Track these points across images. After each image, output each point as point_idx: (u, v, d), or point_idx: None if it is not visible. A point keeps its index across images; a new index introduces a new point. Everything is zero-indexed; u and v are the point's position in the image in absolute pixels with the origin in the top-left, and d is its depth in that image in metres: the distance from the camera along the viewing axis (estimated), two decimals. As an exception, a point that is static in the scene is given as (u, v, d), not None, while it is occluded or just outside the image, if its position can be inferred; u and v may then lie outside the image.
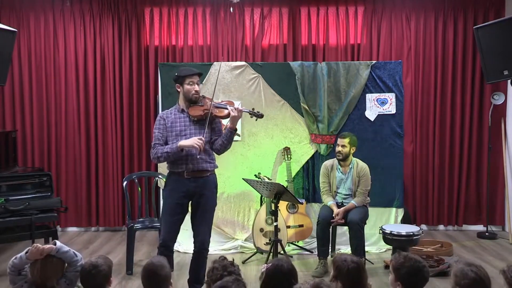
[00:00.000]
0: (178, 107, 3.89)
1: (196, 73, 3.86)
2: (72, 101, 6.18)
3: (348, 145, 4.79)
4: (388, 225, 4.91)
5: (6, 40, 4.45)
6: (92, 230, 6.31)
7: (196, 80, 3.84)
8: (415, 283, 2.57)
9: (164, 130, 3.82)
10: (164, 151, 3.72)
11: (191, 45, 6.19)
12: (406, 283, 2.55)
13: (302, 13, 6.21)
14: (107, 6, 6.14)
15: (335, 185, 4.89)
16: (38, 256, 2.65)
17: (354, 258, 2.64)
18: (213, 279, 2.55)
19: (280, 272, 2.53)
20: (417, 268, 2.57)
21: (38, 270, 2.64)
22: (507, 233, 5.95)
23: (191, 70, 3.89)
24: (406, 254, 2.67)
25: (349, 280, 2.56)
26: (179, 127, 3.80)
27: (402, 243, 4.45)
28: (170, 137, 3.80)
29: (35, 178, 4.91)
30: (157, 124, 3.85)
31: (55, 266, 2.68)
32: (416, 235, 4.50)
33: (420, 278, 2.57)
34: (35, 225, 4.56)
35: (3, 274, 4.65)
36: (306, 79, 5.40)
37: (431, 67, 6.21)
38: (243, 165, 5.41)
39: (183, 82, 3.82)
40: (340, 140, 4.83)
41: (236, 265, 2.67)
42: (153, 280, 2.63)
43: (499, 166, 6.17)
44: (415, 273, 2.56)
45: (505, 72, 4.43)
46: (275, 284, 2.54)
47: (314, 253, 5.19)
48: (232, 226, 5.45)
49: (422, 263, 2.60)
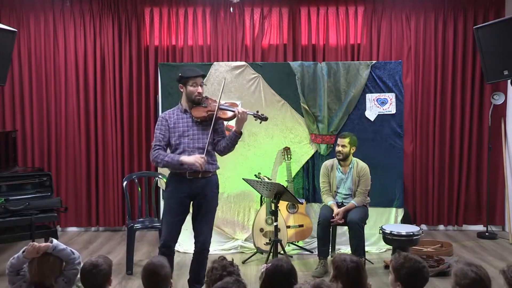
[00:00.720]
0: (180, 107, 3.87)
1: (200, 75, 3.83)
2: (72, 101, 6.18)
3: (348, 145, 4.79)
4: (388, 225, 4.91)
5: (6, 40, 4.46)
6: (92, 230, 6.31)
7: (200, 81, 3.81)
8: (415, 283, 2.57)
9: (166, 131, 3.80)
10: (165, 159, 3.71)
11: (191, 45, 6.19)
12: (406, 283, 2.55)
13: (302, 13, 6.21)
14: (107, 6, 6.14)
15: (335, 185, 4.89)
16: (35, 255, 2.65)
17: (354, 258, 2.64)
18: (213, 279, 2.55)
19: (280, 272, 2.53)
20: (417, 268, 2.57)
21: (35, 269, 2.64)
22: (507, 233, 5.94)
23: (195, 71, 3.86)
24: (406, 255, 2.67)
25: (349, 280, 2.56)
26: (182, 127, 3.79)
27: (402, 243, 4.45)
28: (172, 137, 3.79)
29: (35, 178, 4.91)
30: (159, 125, 3.84)
31: (53, 265, 2.68)
32: (416, 235, 4.50)
33: (420, 278, 2.57)
34: (35, 225, 4.56)
35: (3, 274, 4.65)
36: (306, 79, 5.40)
37: (431, 67, 6.20)
38: (243, 165, 5.41)
39: (186, 83, 3.80)
40: (340, 140, 4.83)
41: (235, 265, 2.67)
42: (153, 279, 2.63)
43: (499, 166, 6.17)
44: (415, 273, 2.56)
45: (505, 72, 4.43)
46: (275, 284, 2.53)
47: (314, 253, 5.19)
48: (232, 226, 5.45)
49: (422, 263, 2.60)
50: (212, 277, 2.56)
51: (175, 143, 3.77)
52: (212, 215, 3.91)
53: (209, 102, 3.84)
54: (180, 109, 3.86)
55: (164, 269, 2.67)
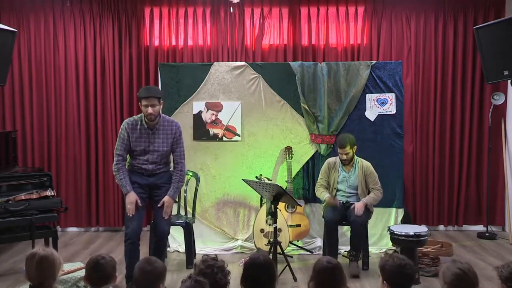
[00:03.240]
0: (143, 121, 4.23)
1: (153, 96, 4.09)
2: (72, 101, 6.18)
3: (350, 151, 4.80)
4: (396, 226, 4.86)
5: (6, 40, 4.46)
6: (92, 230, 6.31)
7: (152, 102, 4.06)
8: (400, 281, 2.55)
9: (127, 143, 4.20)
10: (119, 183, 4.20)
11: (191, 46, 6.19)
12: (390, 281, 2.55)
13: (302, 13, 6.21)
14: (107, 6, 6.14)
15: (335, 183, 4.89)
16: None
17: (332, 260, 2.69)
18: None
19: (257, 264, 2.66)
20: (399, 265, 2.56)
21: (34, 270, 2.63)
22: (507, 233, 5.95)
23: (148, 91, 4.17)
24: (392, 254, 2.70)
25: (320, 281, 2.59)
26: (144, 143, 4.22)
27: (410, 243, 4.41)
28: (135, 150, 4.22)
29: (35, 178, 4.90)
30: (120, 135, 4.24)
31: (51, 266, 2.67)
32: (424, 236, 4.48)
33: (403, 275, 2.55)
34: (35, 225, 4.55)
35: (3, 274, 4.66)
36: (306, 79, 5.40)
37: (431, 67, 6.20)
38: (243, 165, 5.41)
39: (139, 102, 4.15)
40: (341, 150, 4.79)
41: (221, 261, 2.67)
42: (146, 277, 2.61)
43: (499, 166, 6.17)
44: (398, 270, 2.55)
45: (505, 72, 4.43)
46: (255, 276, 2.64)
47: (314, 253, 5.19)
48: (232, 226, 5.45)
49: (405, 261, 2.60)
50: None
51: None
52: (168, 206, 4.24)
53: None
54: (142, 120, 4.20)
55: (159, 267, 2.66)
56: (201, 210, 5.42)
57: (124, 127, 4.18)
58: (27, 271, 2.66)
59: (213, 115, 5.41)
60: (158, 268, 2.63)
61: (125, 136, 4.16)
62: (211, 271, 2.55)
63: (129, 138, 4.16)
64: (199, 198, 5.39)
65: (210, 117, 5.40)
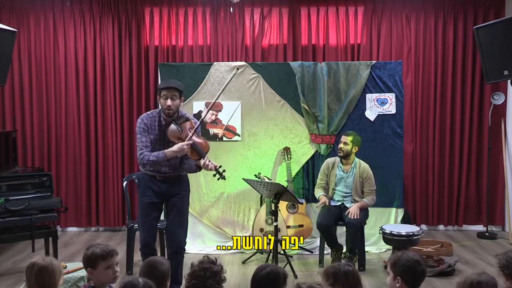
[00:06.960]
0: (161, 116, 3.85)
1: (172, 87, 3.78)
2: (72, 101, 6.18)
3: (350, 143, 4.79)
4: (388, 225, 4.91)
5: (6, 40, 4.46)
6: (92, 230, 6.31)
7: (171, 94, 3.74)
8: (413, 276, 2.56)
9: (147, 135, 3.79)
10: (150, 159, 3.71)
11: (191, 45, 6.19)
12: (405, 276, 2.55)
13: (302, 13, 6.21)
14: (107, 6, 6.14)
15: (334, 183, 4.89)
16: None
17: (349, 263, 2.66)
18: (194, 283, 2.53)
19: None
20: (414, 260, 2.58)
21: (34, 280, 2.61)
22: (507, 233, 5.95)
23: (168, 82, 3.92)
24: (402, 251, 2.71)
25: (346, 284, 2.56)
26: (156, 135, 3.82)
27: (402, 243, 4.44)
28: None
29: (35, 178, 4.90)
30: (140, 129, 3.81)
31: (52, 275, 2.65)
32: (416, 235, 4.50)
33: (417, 270, 2.57)
34: (35, 225, 4.55)
35: (3, 274, 4.66)
36: (306, 79, 5.40)
37: (431, 67, 6.20)
38: (243, 165, 5.41)
39: (159, 94, 3.81)
40: (344, 137, 4.84)
41: (219, 264, 2.63)
42: (150, 272, 2.61)
43: (499, 166, 6.17)
44: (412, 265, 2.56)
45: (505, 72, 4.44)
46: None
47: (314, 253, 5.20)
48: (232, 226, 5.45)
49: (417, 257, 2.62)
50: (193, 281, 2.54)
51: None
52: (185, 213, 3.93)
53: (186, 128, 3.76)
54: (160, 116, 3.85)
55: (163, 265, 2.66)
56: (200, 209, 5.43)
57: (143, 122, 3.80)
58: (27, 281, 2.65)
59: (213, 115, 5.41)
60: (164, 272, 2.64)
61: (145, 128, 3.78)
62: (203, 274, 2.50)
63: (148, 131, 3.79)
64: (199, 198, 5.39)
65: (210, 117, 5.40)
